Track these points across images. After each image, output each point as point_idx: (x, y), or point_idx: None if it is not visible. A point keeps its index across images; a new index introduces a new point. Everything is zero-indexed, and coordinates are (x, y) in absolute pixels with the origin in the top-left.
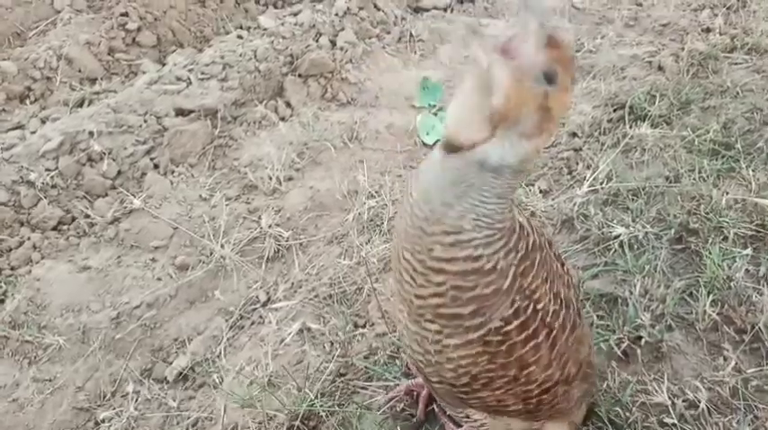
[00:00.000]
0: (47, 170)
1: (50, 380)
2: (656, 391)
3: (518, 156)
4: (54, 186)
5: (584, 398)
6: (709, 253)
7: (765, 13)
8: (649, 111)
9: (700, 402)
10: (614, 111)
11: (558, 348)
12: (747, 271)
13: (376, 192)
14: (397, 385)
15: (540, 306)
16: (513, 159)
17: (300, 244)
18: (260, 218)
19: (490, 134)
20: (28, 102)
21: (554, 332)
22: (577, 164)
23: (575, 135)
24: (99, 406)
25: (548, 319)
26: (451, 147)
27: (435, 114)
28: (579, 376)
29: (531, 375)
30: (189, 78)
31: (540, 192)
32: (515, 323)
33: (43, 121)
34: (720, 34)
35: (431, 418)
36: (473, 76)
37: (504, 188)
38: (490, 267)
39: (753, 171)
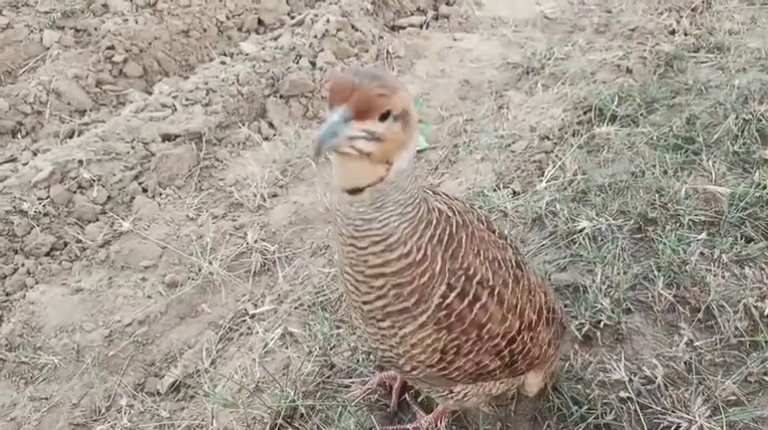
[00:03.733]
0: (39, 199)
1: (47, 399)
2: (615, 369)
3: (411, 159)
4: (46, 214)
5: (557, 342)
6: (663, 239)
7: (729, 13)
8: (616, 112)
9: (656, 377)
10: (584, 113)
11: (507, 302)
12: (702, 254)
13: None
14: (371, 378)
15: (475, 275)
16: (409, 165)
17: (286, 257)
18: (246, 234)
19: (388, 167)
20: (20, 136)
21: (497, 289)
22: (548, 165)
23: (546, 138)
24: (95, 421)
25: (490, 281)
26: (356, 191)
27: None
28: (542, 322)
29: (491, 331)
30: (174, 105)
31: (514, 194)
32: (452, 295)
33: (35, 154)
34: (686, 35)
35: (404, 408)
36: (343, 157)
37: (409, 184)
38: (421, 257)
39: (713, 162)
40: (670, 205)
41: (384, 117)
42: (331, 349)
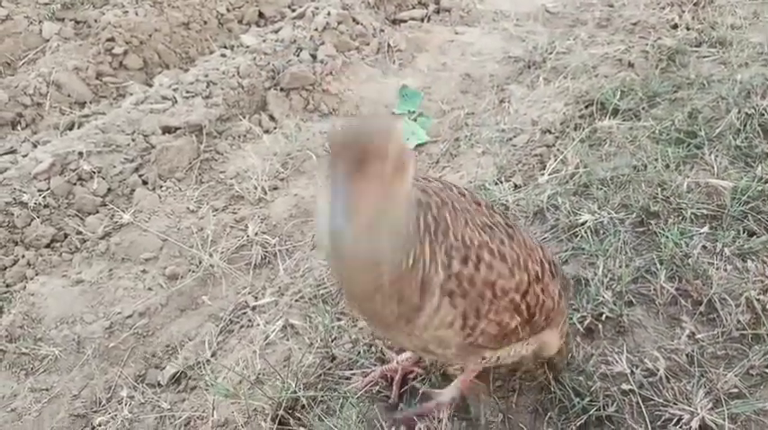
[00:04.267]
0: (39, 191)
1: (47, 390)
2: (617, 362)
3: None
4: (46, 206)
5: (566, 294)
6: (665, 232)
7: (731, 8)
8: (618, 105)
9: (658, 370)
10: (585, 107)
11: (509, 257)
12: (704, 247)
13: None
14: (373, 371)
15: (472, 241)
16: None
17: (287, 249)
18: (247, 226)
19: None
20: (19, 127)
21: (495, 247)
22: (550, 159)
23: (548, 132)
24: (95, 412)
25: (489, 244)
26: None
27: (415, 120)
28: (547, 273)
29: (504, 287)
30: (174, 97)
31: (515, 187)
32: (455, 263)
33: (35, 145)
34: (688, 29)
35: (404, 400)
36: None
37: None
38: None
39: (715, 156)
40: (672, 199)
41: (382, 163)
42: (332, 341)
